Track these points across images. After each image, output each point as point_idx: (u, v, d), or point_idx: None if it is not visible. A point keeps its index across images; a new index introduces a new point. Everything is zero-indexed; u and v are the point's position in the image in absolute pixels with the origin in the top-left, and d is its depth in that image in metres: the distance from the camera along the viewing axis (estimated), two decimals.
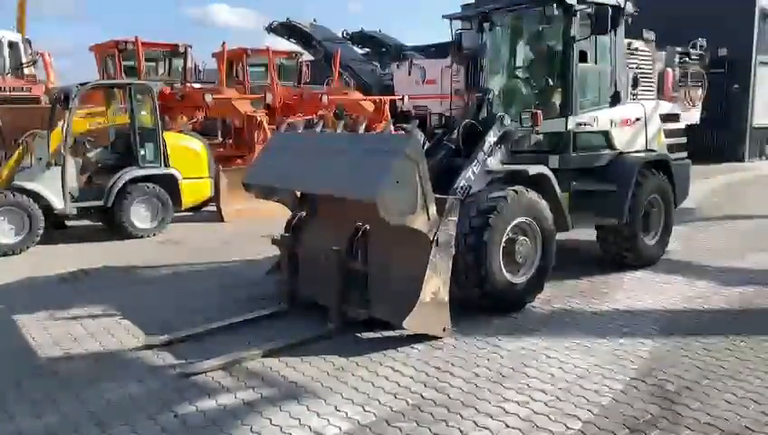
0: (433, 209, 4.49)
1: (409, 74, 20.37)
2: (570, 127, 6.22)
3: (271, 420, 3.57)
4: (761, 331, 4.87)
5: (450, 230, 4.64)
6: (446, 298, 4.65)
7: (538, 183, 5.65)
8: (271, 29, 22.98)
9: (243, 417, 3.62)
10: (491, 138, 5.74)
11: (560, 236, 5.74)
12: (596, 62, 6.51)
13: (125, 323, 5.25)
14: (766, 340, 4.68)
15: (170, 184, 9.21)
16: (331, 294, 4.97)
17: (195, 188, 9.75)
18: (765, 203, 11.53)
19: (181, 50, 14.61)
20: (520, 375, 4.13)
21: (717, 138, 18.47)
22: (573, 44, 6.19)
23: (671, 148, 7.41)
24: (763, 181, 15.42)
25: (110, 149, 9.63)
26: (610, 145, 6.60)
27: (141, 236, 8.86)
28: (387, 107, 14.59)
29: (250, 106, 12.60)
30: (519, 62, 7.16)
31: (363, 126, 13.08)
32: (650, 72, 7.74)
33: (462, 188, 5.37)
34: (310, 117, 14.80)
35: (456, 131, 6.13)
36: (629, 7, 6.66)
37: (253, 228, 8.72)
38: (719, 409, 3.64)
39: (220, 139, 14.46)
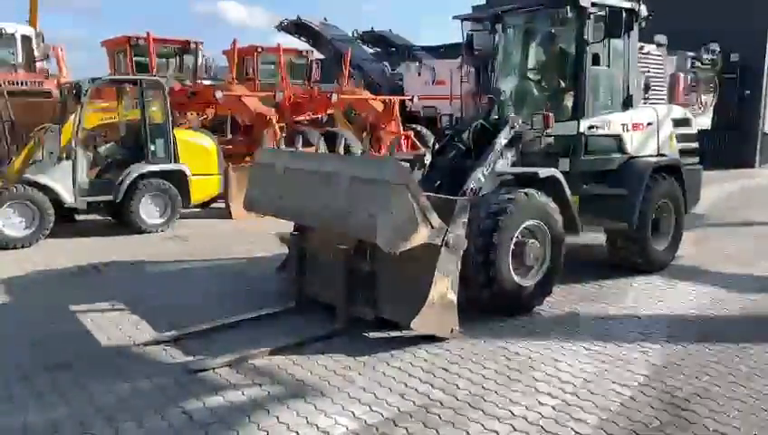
0: (434, 217, 4.45)
1: (419, 75, 20.38)
2: (581, 130, 6.19)
3: (278, 418, 3.57)
4: None
5: (459, 232, 4.62)
6: (455, 299, 4.64)
7: (548, 186, 5.62)
8: (281, 27, 23.05)
9: (250, 414, 3.62)
10: (502, 140, 5.74)
11: (569, 239, 5.72)
12: (609, 66, 6.47)
13: (133, 318, 5.27)
14: None
15: (180, 180, 9.25)
16: (339, 293, 4.97)
17: (204, 185, 9.77)
18: None
19: (192, 47, 14.66)
20: (528, 378, 4.11)
21: (728, 143, 18.33)
22: (586, 47, 6.15)
23: (683, 153, 7.37)
24: None
25: (121, 144, 9.67)
26: (622, 149, 6.56)
27: (150, 232, 8.90)
28: (396, 107, 14.58)
29: (260, 104, 12.62)
30: (531, 64, 7.14)
31: (342, 144, 13.01)
32: (662, 76, 7.71)
33: (472, 189, 5.37)
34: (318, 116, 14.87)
35: (466, 132, 6.12)
36: (643, 11, 6.63)
37: (261, 226, 8.72)
38: (728, 416, 3.62)
39: (230, 136, 14.50)
